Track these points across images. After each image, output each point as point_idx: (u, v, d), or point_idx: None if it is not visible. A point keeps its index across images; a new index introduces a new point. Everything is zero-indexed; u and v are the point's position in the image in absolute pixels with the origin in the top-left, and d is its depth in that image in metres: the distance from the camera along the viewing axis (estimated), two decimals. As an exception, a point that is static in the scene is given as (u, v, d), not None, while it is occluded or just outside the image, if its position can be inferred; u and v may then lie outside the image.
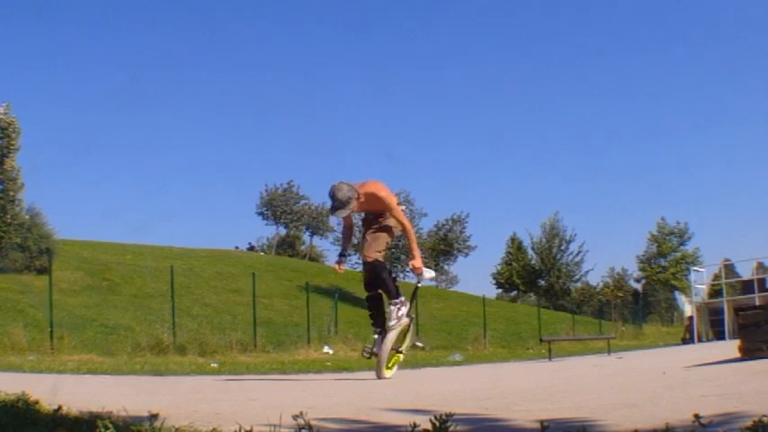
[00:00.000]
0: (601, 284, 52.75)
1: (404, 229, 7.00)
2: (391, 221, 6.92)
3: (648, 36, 75.14)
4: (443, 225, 44.42)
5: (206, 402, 3.95)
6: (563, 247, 45.24)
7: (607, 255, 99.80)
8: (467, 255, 44.66)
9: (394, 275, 7.31)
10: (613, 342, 18.77)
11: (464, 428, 2.37)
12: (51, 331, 14.10)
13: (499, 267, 49.39)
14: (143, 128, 70.01)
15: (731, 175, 72.90)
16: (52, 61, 62.63)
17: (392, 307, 6.79)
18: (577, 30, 73.54)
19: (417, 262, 7.01)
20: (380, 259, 6.86)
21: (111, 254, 30.28)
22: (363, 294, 7.09)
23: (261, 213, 52.65)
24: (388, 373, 6.83)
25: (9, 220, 22.25)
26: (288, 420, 2.25)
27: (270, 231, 57.39)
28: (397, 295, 6.85)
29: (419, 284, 7.47)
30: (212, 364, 11.13)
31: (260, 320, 18.66)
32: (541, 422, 2.01)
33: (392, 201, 6.95)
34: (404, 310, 6.79)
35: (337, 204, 6.54)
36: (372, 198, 6.79)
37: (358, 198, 6.65)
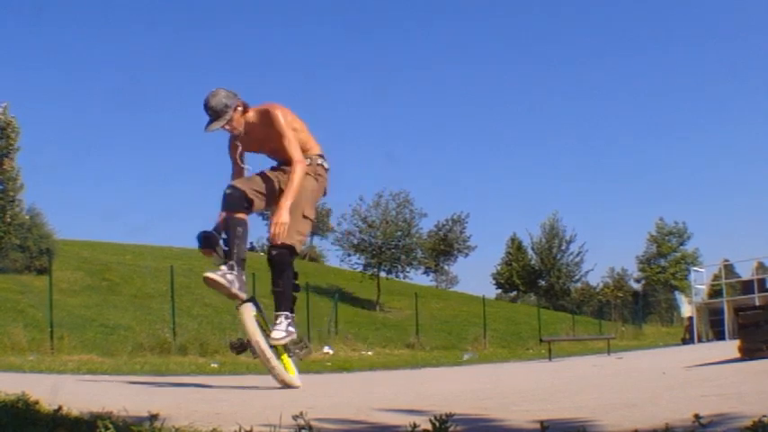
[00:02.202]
0: (601, 285, 52.81)
1: (291, 173, 4.80)
2: (308, 178, 4.89)
3: (648, 36, 75.25)
4: (443, 225, 44.43)
5: (206, 402, 3.95)
6: (563, 248, 45.26)
7: (607, 255, 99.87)
8: (467, 255, 44.67)
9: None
10: (613, 342, 18.79)
11: (464, 428, 2.37)
12: (51, 331, 14.10)
13: (499, 267, 49.43)
14: (143, 128, 70.08)
15: (731, 175, 73.08)
16: (52, 61, 62.70)
17: (282, 318, 4.84)
18: (577, 30, 73.68)
19: (280, 216, 4.69)
20: (296, 247, 4.86)
21: (111, 254, 30.30)
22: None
23: (261, 213, 52.55)
24: (293, 376, 4.96)
25: (9, 221, 22.25)
26: (288, 420, 2.25)
27: (270, 231, 57.28)
28: (292, 309, 4.93)
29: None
30: (212, 365, 11.12)
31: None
32: (541, 422, 2.01)
33: (285, 126, 4.81)
34: (292, 328, 4.87)
35: (210, 114, 4.83)
36: (265, 119, 4.88)
37: (244, 111, 4.89)
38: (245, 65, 73.36)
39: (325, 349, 17.27)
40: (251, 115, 4.93)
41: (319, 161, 5.02)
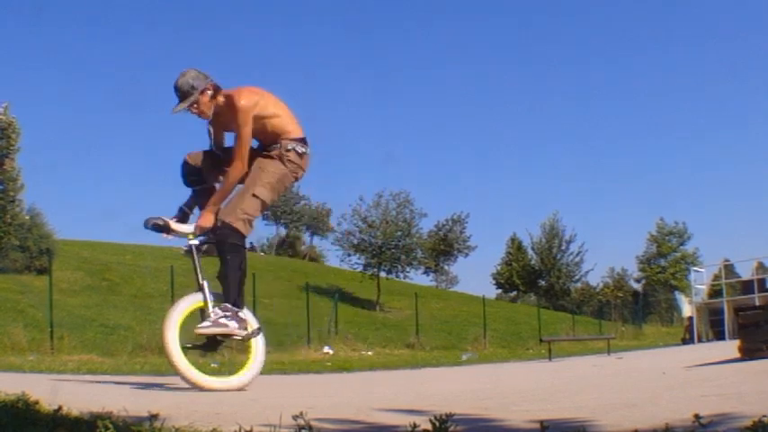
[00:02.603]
0: (601, 285, 52.81)
1: (227, 173, 4.63)
2: (273, 162, 4.64)
3: (649, 36, 75.29)
4: (443, 225, 44.42)
5: (206, 402, 3.95)
6: (563, 248, 45.25)
7: (607, 255, 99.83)
8: (467, 255, 44.65)
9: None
10: (613, 342, 18.79)
11: (464, 428, 2.37)
12: (51, 331, 14.10)
13: (499, 267, 49.43)
14: (143, 128, 70.09)
15: (731, 176, 73.09)
16: (52, 61, 62.79)
17: (218, 310, 4.56)
18: (577, 30, 73.70)
19: (204, 219, 4.64)
20: (240, 227, 4.52)
21: (111, 254, 30.30)
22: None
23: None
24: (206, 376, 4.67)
25: (9, 221, 22.25)
26: (288, 420, 2.25)
27: (270, 231, 57.46)
28: (235, 301, 4.59)
29: (193, 247, 4.78)
30: (212, 365, 11.11)
31: (260, 320, 18.58)
32: (541, 422, 2.01)
33: (246, 117, 4.51)
34: (232, 324, 4.54)
35: (177, 95, 4.60)
36: (231, 105, 4.58)
37: (214, 96, 4.62)
38: (245, 65, 73.36)
39: (325, 349, 17.27)
40: (221, 99, 4.66)
41: (291, 146, 4.69)
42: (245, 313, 4.73)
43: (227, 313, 4.56)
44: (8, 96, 48.62)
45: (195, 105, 4.61)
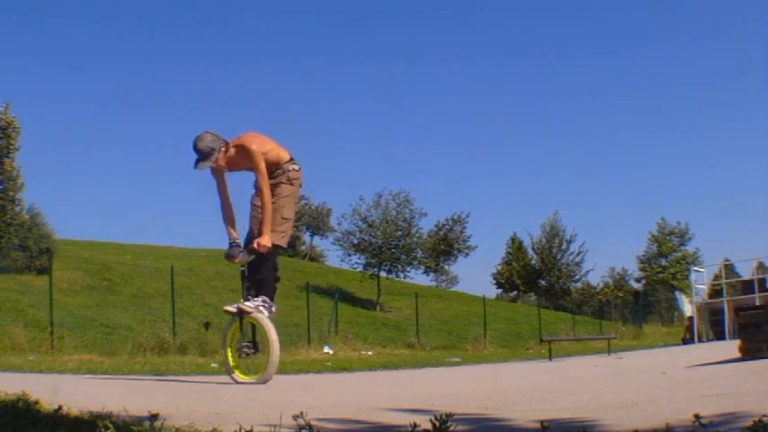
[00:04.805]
0: (601, 284, 52.88)
1: (260, 198, 5.78)
2: (262, 189, 5.76)
3: (649, 36, 75.25)
4: (443, 225, 44.44)
5: (206, 402, 3.95)
6: (563, 247, 45.26)
7: (607, 255, 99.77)
8: (467, 255, 44.65)
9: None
10: (613, 342, 18.77)
11: (464, 428, 2.37)
12: (51, 331, 14.10)
13: (499, 267, 49.46)
14: (143, 127, 70.06)
15: (731, 175, 73.06)
16: (52, 61, 62.62)
17: (258, 300, 5.76)
18: (577, 29, 73.71)
19: (265, 240, 5.68)
20: (279, 242, 5.82)
21: (111, 254, 30.29)
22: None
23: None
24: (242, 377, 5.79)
25: (9, 220, 22.24)
26: (288, 420, 2.25)
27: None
28: (271, 297, 5.84)
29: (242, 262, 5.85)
30: (213, 365, 11.12)
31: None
32: (541, 422, 2.01)
33: (259, 157, 5.74)
34: (265, 313, 5.73)
35: (198, 156, 5.69)
36: (243, 151, 5.78)
37: (226, 151, 5.77)
38: (245, 64, 73.46)
39: (326, 349, 17.29)
40: (231, 151, 5.81)
41: (290, 167, 5.95)
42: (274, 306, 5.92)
43: (265, 304, 5.78)
44: (8, 96, 48.71)
45: (215, 162, 5.75)
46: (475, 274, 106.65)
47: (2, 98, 23.63)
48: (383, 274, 33.18)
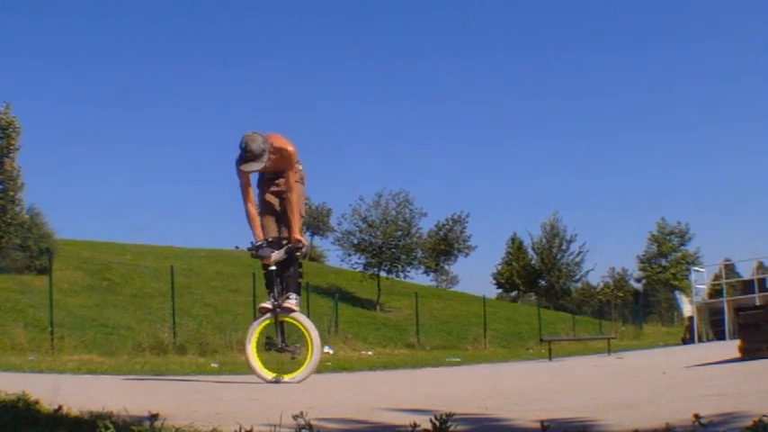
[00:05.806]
0: (601, 284, 52.85)
1: (289, 197, 6.05)
2: (294, 188, 6.07)
3: (649, 35, 75.23)
4: (443, 225, 44.41)
5: (206, 402, 3.95)
6: (563, 247, 45.23)
7: (607, 255, 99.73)
8: (467, 255, 44.61)
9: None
10: (613, 342, 18.78)
11: (464, 428, 2.37)
12: (51, 331, 14.09)
13: (499, 267, 49.44)
14: (143, 127, 70.03)
15: (731, 175, 73.02)
16: (52, 61, 62.58)
17: (292, 296, 6.06)
18: (577, 28, 73.67)
19: (299, 235, 6.14)
20: (305, 242, 6.25)
21: (111, 254, 30.28)
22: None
23: (261, 214, 52.57)
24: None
25: (9, 220, 22.23)
26: (288, 420, 2.25)
27: (270, 231, 57.24)
28: (299, 291, 6.20)
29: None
30: (212, 364, 11.13)
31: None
32: (541, 422, 2.02)
33: (296, 155, 6.09)
34: (297, 308, 6.11)
35: (249, 156, 5.77)
36: (283, 153, 6.00)
37: (271, 152, 5.92)
38: (245, 64, 73.43)
39: (326, 349, 17.28)
40: (273, 151, 5.93)
41: (299, 167, 6.19)
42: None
43: (296, 300, 6.06)
44: (8, 96, 48.70)
45: (264, 164, 5.85)
46: (475, 274, 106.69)
47: (2, 98, 23.64)
48: (383, 274, 33.17)
